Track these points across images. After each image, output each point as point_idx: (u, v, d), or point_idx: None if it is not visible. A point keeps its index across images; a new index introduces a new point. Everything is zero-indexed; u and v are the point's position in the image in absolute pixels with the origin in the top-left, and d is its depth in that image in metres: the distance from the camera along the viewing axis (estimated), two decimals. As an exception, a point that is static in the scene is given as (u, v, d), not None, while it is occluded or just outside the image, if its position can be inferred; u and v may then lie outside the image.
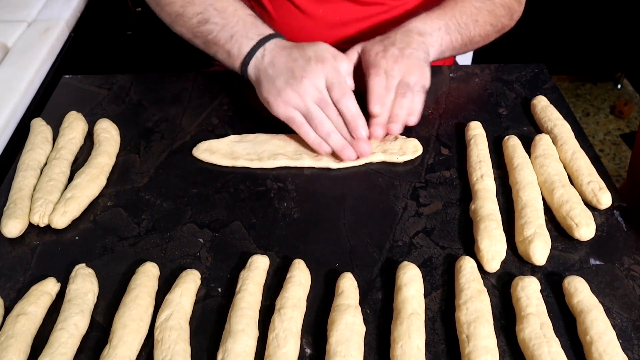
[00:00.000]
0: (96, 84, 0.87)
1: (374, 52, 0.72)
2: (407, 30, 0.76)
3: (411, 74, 0.71)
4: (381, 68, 0.71)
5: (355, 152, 0.70)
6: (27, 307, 0.52)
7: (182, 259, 0.60)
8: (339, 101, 0.69)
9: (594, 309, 0.51)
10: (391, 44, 0.73)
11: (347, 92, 0.69)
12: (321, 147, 0.70)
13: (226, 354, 0.48)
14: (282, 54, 0.72)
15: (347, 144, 0.70)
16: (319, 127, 0.69)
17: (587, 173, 0.66)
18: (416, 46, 0.74)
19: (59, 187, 0.66)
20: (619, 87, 2.45)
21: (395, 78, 0.71)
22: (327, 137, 0.69)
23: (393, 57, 0.71)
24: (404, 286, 0.54)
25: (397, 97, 0.71)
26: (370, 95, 0.70)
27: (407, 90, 0.71)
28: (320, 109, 0.69)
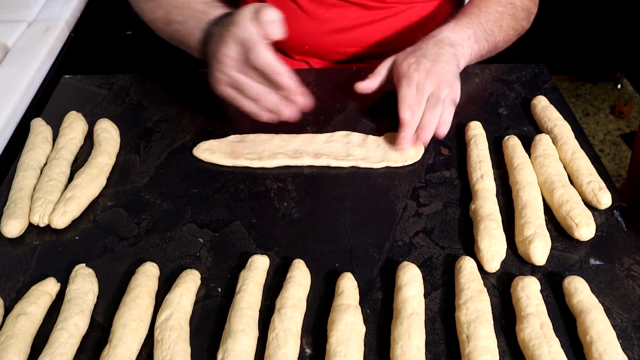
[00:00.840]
0: (96, 84, 0.87)
1: (407, 64, 0.73)
2: (439, 41, 0.76)
3: (442, 88, 0.72)
4: (413, 80, 0.72)
5: (289, 108, 0.67)
6: (27, 307, 0.52)
7: (182, 259, 0.60)
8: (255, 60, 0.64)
9: (594, 309, 0.51)
10: (423, 56, 0.74)
11: (253, 43, 0.63)
12: (259, 114, 0.68)
13: (226, 354, 0.48)
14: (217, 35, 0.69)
15: (280, 102, 0.66)
16: (248, 92, 0.67)
17: (587, 173, 0.66)
18: (448, 58, 0.75)
19: (59, 187, 0.66)
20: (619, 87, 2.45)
21: (427, 91, 0.71)
22: (259, 100, 0.67)
23: (425, 70, 0.72)
24: (404, 286, 0.54)
25: (428, 107, 0.71)
26: (401, 103, 0.71)
27: (438, 102, 0.71)
28: (242, 76, 0.66)
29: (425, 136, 0.71)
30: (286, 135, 0.75)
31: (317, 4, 0.90)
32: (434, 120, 0.71)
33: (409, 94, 0.71)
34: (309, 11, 0.91)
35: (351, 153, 0.72)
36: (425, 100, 0.71)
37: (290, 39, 0.92)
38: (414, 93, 0.71)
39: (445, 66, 0.73)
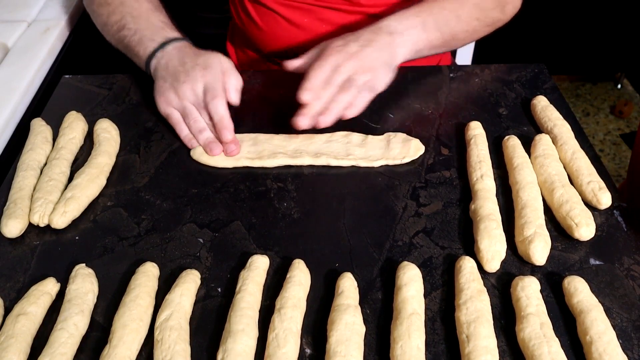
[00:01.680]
0: (96, 84, 0.87)
1: (332, 47, 0.72)
2: (377, 29, 0.75)
3: (362, 72, 0.71)
4: (328, 62, 0.70)
5: (220, 148, 0.72)
6: (27, 307, 0.52)
7: (182, 259, 0.60)
8: (209, 103, 0.72)
9: (594, 309, 0.51)
10: (353, 40, 0.73)
11: (217, 95, 0.72)
12: (190, 142, 0.74)
13: (226, 353, 0.48)
14: (176, 58, 0.76)
15: (215, 140, 0.72)
16: (192, 124, 0.73)
17: (587, 173, 0.66)
18: (380, 46, 0.73)
19: (59, 187, 0.66)
20: (619, 87, 2.45)
21: (343, 74, 0.70)
22: (198, 134, 0.73)
23: (349, 54, 0.71)
24: (404, 286, 0.54)
25: (339, 92, 0.70)
26: (304, 82, 0.69)
27: (351, 87, 0.70)
28: (195, 110, 0.74)
29: (322, 120, 0.69)
30: (286, 135, 0.75)
31: (293, 10, 0.90)
32: (337, 105, 0.70)
33: (313, 75, 0.69)
34: (288, 17, 0.91)
35: (351, 153, 0.72)
36: (337, 83, 0.70)
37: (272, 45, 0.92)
38: (320, 76, 0.69)
39: (374, 52, 0.72)
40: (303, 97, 0.69)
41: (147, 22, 0.81)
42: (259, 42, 0.95)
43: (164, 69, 0.76)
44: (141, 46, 0.79)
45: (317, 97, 0.69)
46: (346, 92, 0.70)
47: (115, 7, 0.84)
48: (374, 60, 0.72)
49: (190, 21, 1.38)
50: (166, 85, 0.74)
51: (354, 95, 0.71)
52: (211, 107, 0.72)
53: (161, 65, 0.76)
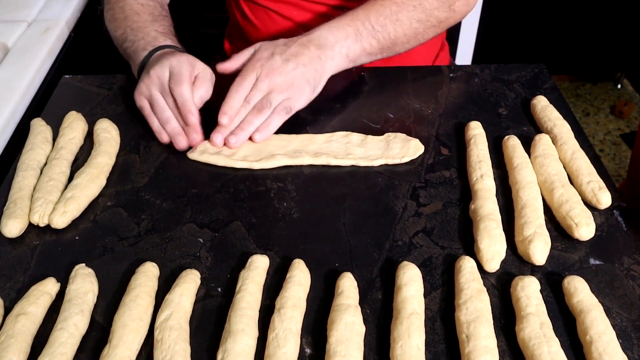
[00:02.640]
0: (96, 84, 0.87)
1: (257, 58, 0.73)
2: (308, 41, 0.74)
3: (280, 92, 0.71)
4: (248, 78, 0.71)
5: (186, 141, 0.71)
6: (27, 307, 0.52)
7: (182, 259, 0.60)
8: (174, 89, 0.71)
9: (594, 308, 0.51)
10: (280, 53, 0.72)
11: (182, 80, 0.71)
12: (160, 134, 0.73)
13: (226, 353, 0.48)
14: (158, 57, 0.76)
15: (180, 132, 0.72)
16: (159, 114, 0.73)
17: (587, 173, 0.66)
18: (307, 61, 0.73)
19: (59, 187, 0.66)
20: (619, 87, 2.45)
21: (260, 92, 0.71)
22: (165, 124, 0.72)
23: (269, 69, 0.71)
24: (404, 286, 0.54)
25: (252, 112, 0.71)
26: (223, 104, 0.71)
27: (265, 108, 0.71)
28: (161, 97, 0.73)
29: (230, 143, 0.71)
30: (285, 135, 0.75)
31: (285, 5, 0.91)
32: (248, 129, 0.71)
33: (233, 97, 0.71)
34: (281, 12, 0.91)
35: (351, 152, 0.72)
36: (253, 102, 0.71)
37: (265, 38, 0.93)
38: (240, 97, 0.71)
39: (297, 68, 0.72)
40: (221, 120, 0.71)
41: (143, 33, 0.82)
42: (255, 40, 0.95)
43: (145, 70, 0.76)
44: (136, 56, 0.80)
45: (231, 117, 0.71)
46: (260, 114, 0.71)
47: (119, 22, 0.86)
48: (296, 78, 0.72)
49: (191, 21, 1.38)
50: (142, 77, 0.75)
51: (268, 117, 0.72)
52: (175, 92, 0.71)
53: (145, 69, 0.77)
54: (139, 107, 0.75)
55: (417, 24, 0.79)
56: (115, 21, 0.87)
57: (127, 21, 0.85)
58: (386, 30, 0.77)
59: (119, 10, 0.87)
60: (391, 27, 0.77)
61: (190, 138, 0.71)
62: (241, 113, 0.72)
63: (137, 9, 0.86)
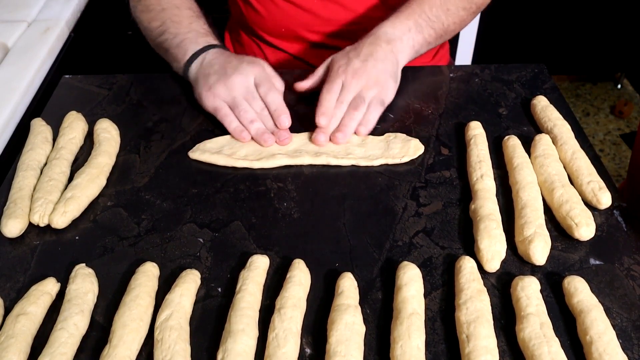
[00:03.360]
0: (96, 84, 0.87)
1: (337, 66, 0.75)
2: (376, 39, 0.77)
3: (369, 88, 0.73)
4: (336, 83, 0.74)
5: (273, 139, 0.73)
6: (27, 307, 0.52)
7: (182, 259, 0.60)
8: (266, 94, 0.74)
9: (594, 308, 0.51)
10: (355, 56, 0.75)
11: (273, 87, 0.75)
12: (241, 134, 0.73)
13: (226, 353, 0.48)
14: (221, 58, 0.77)
15: (267, 131, 0.73)
16: (242, 115, 0.74)
17: (587, 173, 0.66)
18: (382, 56, 0.75)
19: (59, 187, 0.66)
20: (619, 87, 2.45)
21: (351, 92, 0.74)
22: (249, 125, 0.73)
23: (353, 71, 0.74)
24: (404, 286, 0.54)
25: (349, 110, 0.73)
26: (318, 108, 0.73)
27: (361, 104, 0.73)
28: (245, 101, 0.74)
29: (338, 139, 0.72)
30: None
31: None
32: (351, 124, 0.73)
33: (326, 99, 0.73)
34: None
35: (351, 152, 0.72)
36: (347, 101, 0.73)
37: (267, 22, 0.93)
38: (332, 98, 0.73)
39: (377, 64, 0.74)
40: (320, 122, 0.72)
41: (188, 28, 0.82)
42: (260, 28, 0.96)
43: (209, 67, 0.77)
44: (181, 49, 0.80)
45: (329, 118, 0.73)
46: (357, 111, 0.73)
47: (156, 13, 0.86)
48: (379, 74, 0.74)
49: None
50: (213, 80, 0.75)
51: (365, 112, 0.74)
52: (268, 98, 0.74)
53: (204, 65, 0.77)
54: (213, 108, 0.75)
55: (462, 12, 0.85)
56: (150, 12, 0.86)
57: (165, 13, 0.85)
58: (440, 20, 0.82)
59: (154, 2, 0.86)
60: (444, 17, 0.83)
61: (281, 137, 0.73)
62: (337, 115, 0.73)
63: (176, 3, 0.86)
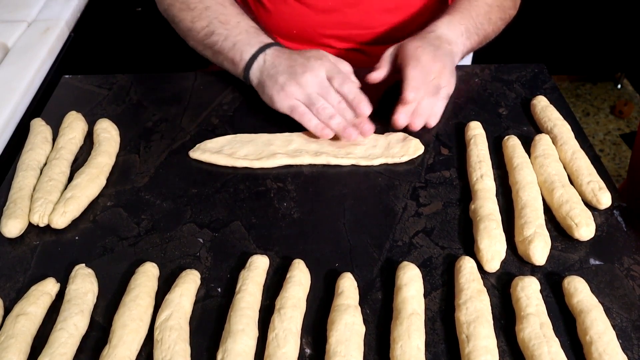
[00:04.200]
0: (96, 84, 0.87)
1: (413, 47, 0.75)
2: (437, 37, 0.78)
3: (441, 77, 0.74)
4: (420, 62, 0.73)
5: (357, 132, 0.72)
6: (27, 307, 0.52)
7: (182, 259, 0.60)
8: (341, 86, 0.72)
9: (594, 309, 0.51)
10: (428, 44, 0.75)
11: (347, 78, 0.73)
12: (323, 132, 0.72)
13: (226, 353, 0.48)
14: (283, 57, 0.75)
15: (348, 125, 0.72)
16: (320, 112, 0.72)
17: (587, 173, 0.66)
18: (447, 53, 0.77)
19: (58, 187, 0.66)
20: (619, 87, 2.45)
21: (431, 75, 0.74)
22: (329, 120, 0.72)
23: (431, 55, 0.74)
24: (404, 286, 0.54)
25: (427, 94, 0.74)
26: (407, 83, 0.72)
27: (437, 92, 0.74)
28: (321, 97, 0.72)
29: (417, 122, 0.73)
30: (286, 134, 0.75)
31: None
32: (428, 108, 0.74)
33: (416, 75, 0.72)
34: None
35: (351, 151, 0.72)
36: (428, 84, 0.73)
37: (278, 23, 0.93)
38: (420, 75, 0.72)
39: (444, 57, 0.76)
40: (408, 96, 0.72)
41: (238, 28, 0.80)
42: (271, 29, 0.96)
43: (273, 68, 0.75)
44: (236, 51, 0.78)
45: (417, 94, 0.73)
46: (434, 97, 0.75)
47: (200, 12, 0.82)
48: (447, 66, 0.76)
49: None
50: (282, 80, 0.73)
51: (437, 101, 0.75)
52: (345, 89, 0.72)
53: (267, 67, 0.76)
54: (289, 108, 0.73)
55: (500, 22, 0.88)
56: (192, 10, 0.83)
57: (210, 12, 0.82)
58: (484, 28, 0.84)
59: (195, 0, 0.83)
60: (487, 25, 0.85)
61: (362, 129, 0.72)
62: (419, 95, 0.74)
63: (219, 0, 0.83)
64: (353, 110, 0.72)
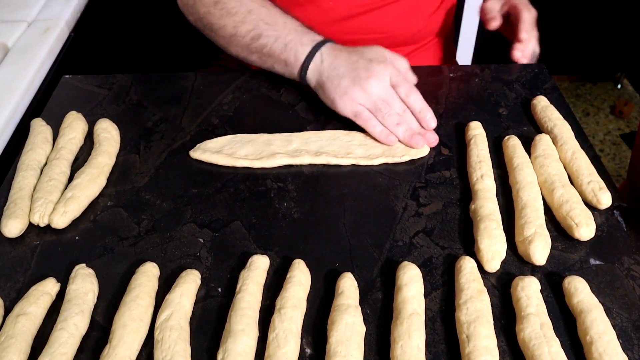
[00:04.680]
0: (96, 84, 0.87)
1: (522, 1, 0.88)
2: None
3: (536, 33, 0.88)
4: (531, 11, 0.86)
5: (424, 140, 0.73)
6: (27, 307, 0.52)
7: (182, 259, 0.60)
8: (408, 96, 0.74)
9: (594, 309, 0.51)
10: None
11: (413, 88, 0.74)
12: (388, 138, 0.73)
13: (226, 354, 0.48)
14: (341, 57, 0.75)
15: (415, 132, 0.73)
16: (386, 119, 0.73)
17: (587, 173, 0.66)
18: None
19: (59, 187, 0.66)
20: (619, 87, 2.45)
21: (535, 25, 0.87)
22: (396, 128, 0.73)
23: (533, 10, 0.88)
24: (404, 286, 0.54)
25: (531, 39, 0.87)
26: (522, 24, 0.84)
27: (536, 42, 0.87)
28: (387, 104, 0.73)
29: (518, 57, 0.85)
30: (286, 134, 0.75)
31: None
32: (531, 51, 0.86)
33: (528, 16, 0.85)
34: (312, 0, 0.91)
35: (351, 151, 0.72)
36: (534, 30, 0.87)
37: None
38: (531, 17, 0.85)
39: None
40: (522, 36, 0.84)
41: (286, 28, 0.78)
42: None
43: (333, 70, 0.74)
44: (290, 53, 0.77)
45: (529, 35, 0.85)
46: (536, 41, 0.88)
47: (243, 15, 0.80)
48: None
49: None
50: (346, 84, 0.73)
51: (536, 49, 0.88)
52: (411, 100, 0.73)
53: (326, 67, 0.75)
54: (353, 113, 0.73)
55: None
56: (234, 15, 0.81)
57: (254, 15, 0.80)
58: None
59: (234, 4, 0.81)
60: None
61: (428, 140, 0.73)
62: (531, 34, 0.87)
63: (259, 2, 0.81)
64: (418, 121, 0.74)
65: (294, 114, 0.76)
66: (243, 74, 0.88)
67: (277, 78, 0.87)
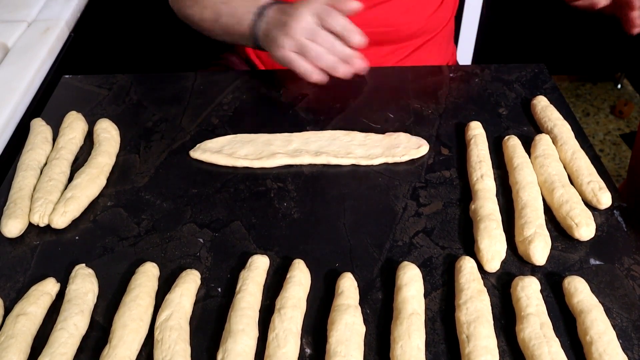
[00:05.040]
0: (96, 84, 0.87)
1: None
2: None
3: None
4: None
5: (346, 67, 0.70)
6: (27, 307, 0.52)
7: (182, 259, 0.60)
8: (329, 23, 0.70)
9: (594, 309, 0.51)
10: None
11: (333, 12, 0.70)
12: (312, 74, 0.71)
13: (226, 354, 0.48)
14: (276, 12, 0.75)
15: (338, 61, 0.70)
16: (310, 53, 0.70)
17: (587, 173, 0.66)
18: None
19: (59, 187, 0.66)
20: (619, 87, 2.45)
21: None
22: (318, 60, 0.70)
23: None
24: (404, 286, 0.54)
25: None
26: None
27: None
28: (312, 42, 0.70)
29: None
30: (286, 134, 0.75)
31: None
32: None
33: None
34: None
35: (351, 151, 0.72)
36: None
37: None
38: None
39: None
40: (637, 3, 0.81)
41: (237, 2, 0.80)
42: None
43: (267, 24, 0.74)
44: (241, 25, 0.78)
45: None
46: None
47: (205, 2, 0.83)
48: None
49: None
50: (274, 34, 0.72)
51: None
52: (332, 23, 0.69)
53: (264, 25, 0.75)
54: (287, 60, 0.72)
55: None
56: (198, 4, 0.84)
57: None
58: None
59: None
60: None
61: (355, 63, 0.70)
62: None
63: None
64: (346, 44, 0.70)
65: (294, 114, 0.76)
66: (243, 74, 0.88)
67: (277, 78, 0.87)
